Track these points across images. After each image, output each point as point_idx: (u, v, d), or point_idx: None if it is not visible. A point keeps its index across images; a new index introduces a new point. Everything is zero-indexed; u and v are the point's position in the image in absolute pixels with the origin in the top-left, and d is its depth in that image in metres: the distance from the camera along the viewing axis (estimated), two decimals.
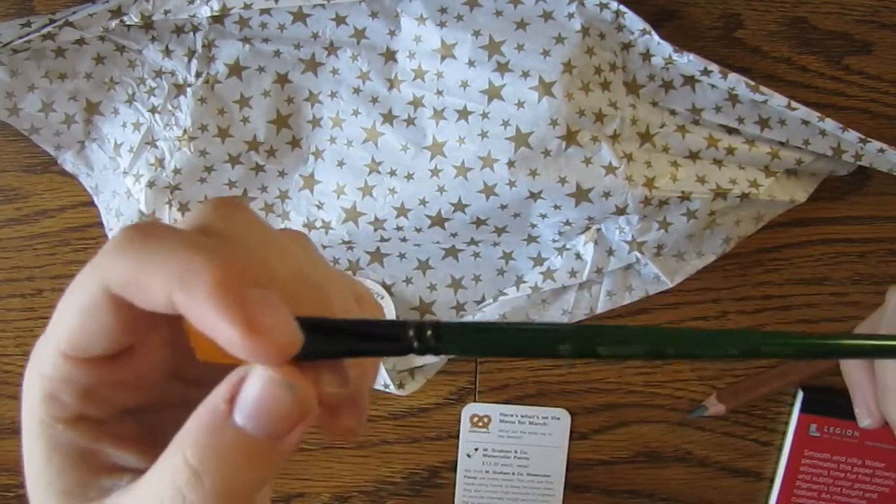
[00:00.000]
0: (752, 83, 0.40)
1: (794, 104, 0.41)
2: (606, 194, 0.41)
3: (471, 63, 0.40)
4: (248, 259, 0.18)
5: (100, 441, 0.19)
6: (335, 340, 0.18)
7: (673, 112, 0.42)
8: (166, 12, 0.40)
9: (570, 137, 0.40)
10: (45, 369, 0.18)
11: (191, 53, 0.42)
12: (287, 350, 0.16)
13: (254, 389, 0.16)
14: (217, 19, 0.41)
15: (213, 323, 0.16)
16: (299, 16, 0.41)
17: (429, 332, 0.19)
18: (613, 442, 0.51)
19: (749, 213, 0.45)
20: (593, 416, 0.51)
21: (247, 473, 0.17)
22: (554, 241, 0.44)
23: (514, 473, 0.52)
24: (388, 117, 0.42)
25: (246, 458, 0.17)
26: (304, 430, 0.17)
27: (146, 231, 0.17)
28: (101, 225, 0.46)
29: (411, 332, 0.18)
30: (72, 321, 0.18)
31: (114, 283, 0.17)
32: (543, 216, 0.42)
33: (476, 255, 0.45)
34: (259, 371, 0.16)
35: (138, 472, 0.18)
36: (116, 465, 0.19)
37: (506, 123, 0.40)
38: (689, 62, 0.40)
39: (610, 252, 0.44)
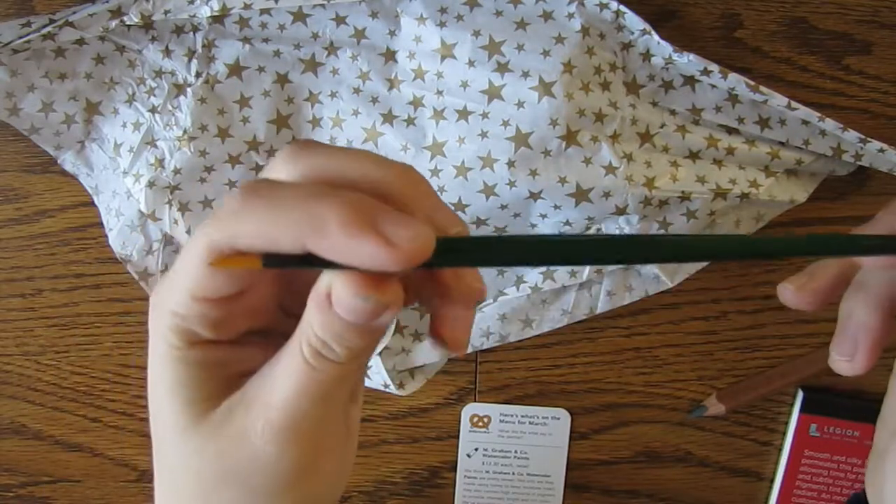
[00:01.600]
0: (752, 83, 0.40)
1: (794, 104, 0.41)
2: (606, 194, 0.41)
3: (471, 63, 0.40)
4: (348, 183, 0.21)
5: (226, 355, 0.23)
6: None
7: (673, 112, 0.43)
8: (166, 12, 0.40)
9: (570, 137, 0.40)
10: (177, 308, 0.22)
11: (191, 53, 0.42)
12: (421, 254, 0.19)
13: (339, 296, 0.20)
14: (217, 19, 0.41)
15: (355, 254, 0.19)
16: (299, 16, 0.41)
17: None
18: (613, 442, 0.51)
19: (749, 213, 0.45)
20: (593, 416, 0.51)
21: (358, 344, 0.21)
22: None
23: (514, 473, 0.52)
24: (388, 117, 0.42)
25: (356, 333, 0.21)
26: (392, 315, 0.20)
27: (259, 191, 0.20)
28: (101, 225, 0.46)
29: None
30: (199, 271, 0.21)
31: (242, 241, 0.20)
32: (543, 216, 0.42)
33: None
34: (338, 285, 0.20)
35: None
36: (242, 372, 0.23)
37: (506, 123, 0.40)
38: (689, 62, 0.40)
39: None
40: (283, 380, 0.22)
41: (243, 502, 0.24)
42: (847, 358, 0.28)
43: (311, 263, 0.20)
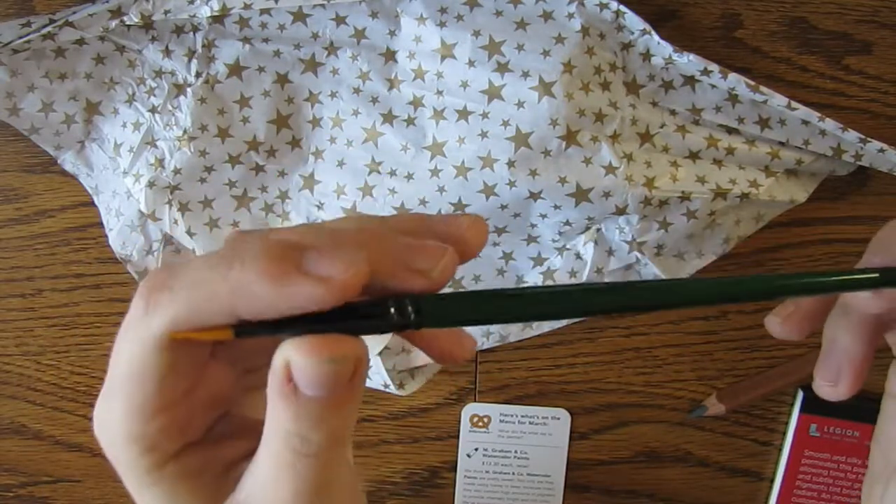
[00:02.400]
0: (752, 83, 0.40)
1: (794, 104, 0.41)
2: (606, 194, 0.41)
3: (471, 63, 0.40)
4: (269, 240, 0.19)
5: (203, 458, 0.21)
6: (324, 319, 0.19)
7: (673, 112, 0.43)
8: (166, 12, 0.40)
9: (570, 137, 0.40)
10: (134, 434, 0.20)
11: (191, 53, 0.42)
12: (356, 280, 0.18)
13: (300, 371, 0.18)
14: (217, 19, 0.41)
15: (291, 301, 0.18)
16: (299, 16, 0.41)
17: (409, 307, 0.19)
18: (613, 442, 0.51)
19: (749, 213, 0.45)
20: (593, 416, 0.51)
21: (337, 419, 0.19)
22: (554, 241, 0.44)
23: (514, 473, 0.52)
24: (388, 117, 0.42)
25: (330, 409, 0.19)
26: (364, 373, 0.19)
27: (175, 273, 0.19)
28: (101, 225, 0.46)
29: (392, 309, 0.19)
30: (147, 382, 0.19)
31: (177, 322, 0.18)
32: (543, 216, 0.42)
33: None
34: (295, 359, 0.18)
35: (248, 457, 0.21)
36: (226, 466, 0.21)
37: (506, 123, 0.40)
38: (689, 62, 0.40)
39: (610, 252, 0.44)
40: (265, 490, 0.20)
41: None
42: (831, 383, 0.27)
43: (280, 325, 0.18)
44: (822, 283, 0.24)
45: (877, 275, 0.24)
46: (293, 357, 0.18)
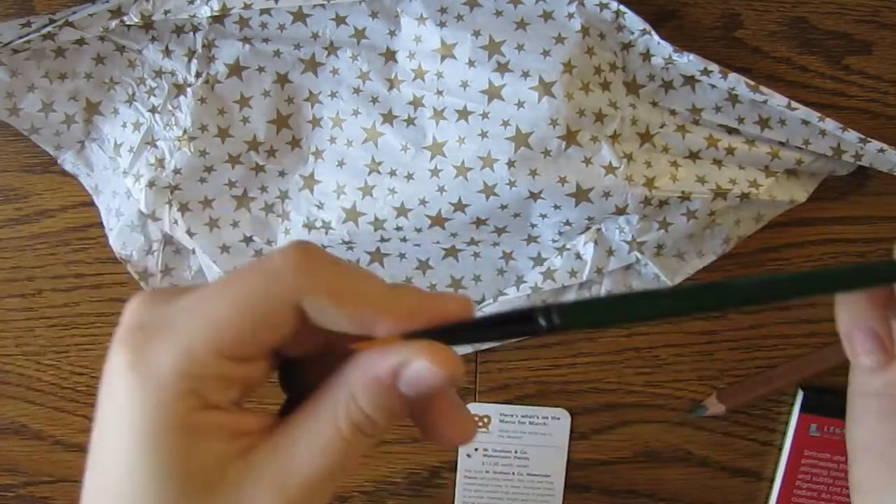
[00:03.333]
0: (752, 83, 0.40)
1: (794, 104, 0.41)
2: (606, 194, 0.41)
3: (471, 63, 0.40)
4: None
5: (229, 420, 0.21)
6: (478, 329, 0.23)
7: (673, 112, 0.43)
8: (166, 12, 0.40)
9: (570, 137, 0.40)
10: (190, 368, 0.20)
11: (191, 53, 0.42)
12: (469, 308, 0.22)
13: (414, 372, 0.21)
14: (217, 19, 0.41)
15: (430, 319, 0.21)
16: (299, 16, 0.41)
17: (553, 314, 0.22)
18: (613, 442, 0.51)
19: (749, 213, 0.45)
20: (593, 416, 0.51)
21: (401, 414, 0.22)
22: (554, 241, 0.44)
23: (514, 473, 0.52)
24: (388, 117, 0.42)
25: (402, 402, 0.21)
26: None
27: (322, 255, 0.21)
28: (101, 225, 0.46)
29: (540, 316, 0.22)
30: (244, 325, 0.20)
31: (313, 293, 0.20)
32: (543, 216, 0.42)
33: (476, 255, 0.45)
34: (418, 362, 0.20)
35: (263, 434, 0.21)
36: (240, 433, 0.21)
37: (506, 123, 0.40)
38: (689, 62, 0.40)
39: (610, 252, 0.44)
40: (312, 455, 0.21)
41: None
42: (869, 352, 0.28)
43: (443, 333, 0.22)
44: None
45: None
46: (408, 357, 0.21)
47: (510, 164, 0.40)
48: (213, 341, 0.20)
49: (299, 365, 0.24)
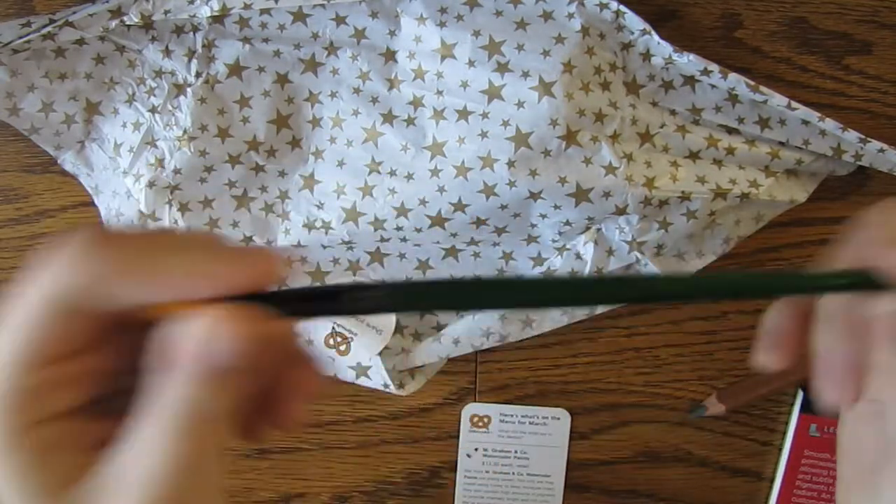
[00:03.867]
0: (752, 83, 0.40)
1: (794, 104, 0.41)
2: (606, 194, 0.41)
3: (471, 63, 0.40)
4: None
5: (75, 430, 0.21)
6: (286, 302, 0.21)
7: (673, 112, 0.43)
8: (166, 12, 0.40)
9: (570, 137, 0.40)
10: (14, 383, 0.20)
11: (191, 53, 0.42)
12: (276, 267, 0.21)
13: (223, 341, 0.19)
14: (217, 19, 0.41)
15: (225, 275, 0.20)
16: (299, 16, 0.41)
17: (358, 295, 0.21)
18: (613, 442, 0.51)
19: (749, 213, 0.45)
20: (593, 416, 0.51)
21: (231, 394, 0.20)
22: (554, 241, 0.44)
23: (514, 473, 0.52)
24: (388, 117, 0.42)
25: (230, 381, 0.20)
26: (276, 351, 0.20)
27: (99, 237, 0.20)
28: (101, 225, 0.46)
29: (345, 294, 0.21)
30: (28, 334, 0.20)
31: (75, 289, 0.19)
32: (543, 216, 0.42)
33: (476, 255, 0.45)
34: (195, 326, 0.19)
35: (115, 440, 0.20)
36: (95, 447, 0.20)
37: (506, 123, 0.40)
38: (689, 62, 0.40)
39: (610, 252, 0.44)
40: (148, 455, 0.19)
41: None
42: (838, 393, 0.26)
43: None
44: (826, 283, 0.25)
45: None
46: (217, 326, 0.19)
47: (510, 164, 0.40)
48: (13, 354, 0.20)
49: None
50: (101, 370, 0.21)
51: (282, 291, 0.22)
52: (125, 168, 0.43)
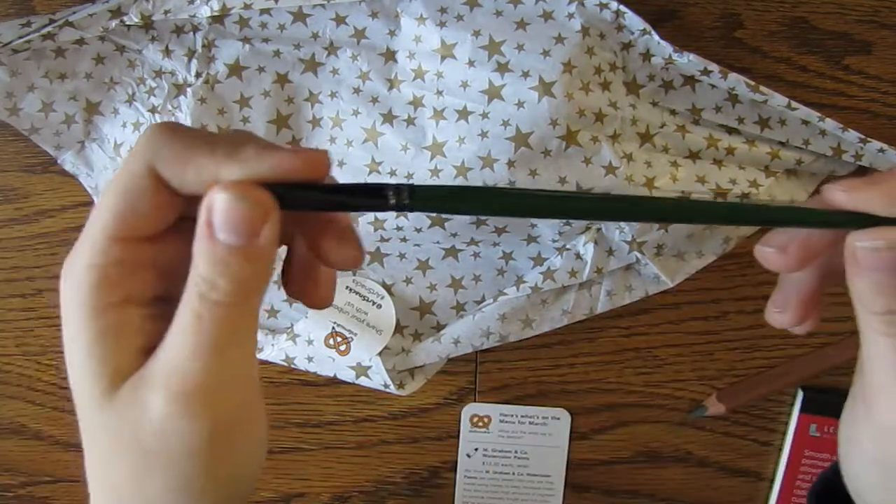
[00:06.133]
0: (752, 83, 0.40)
1: (794, 104, 0.41)
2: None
3: (471, 63, 0.40)
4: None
5: (138, 322, 0.22)
6: (327, 196, 0.22)
7: (673, 112, 0.43)
8: (166, 12, 0.40)
9: (570, 137, 0.40)
10: (94, 259, 0.22)
11: (191, 53, 0.42)
12: (324, 161, 0.22)
13: (218, 209, 0.21)
14: (217, 19, 0.41)
15: (273, 165, 0.21)
16: (299, 16, 0.41)
17: (405, 193, 0.22)
18: (613, 442, 0.51)
19: None
20: (593, 416, 0.51)
21: (244, 271, 0.21)
22: (554, 241, 0.44)
23: (514, 473, 0.52)
24: (388, 117, 0.42)
25: (239, 257, 0.21)
26: (274, 230, 0.21)
27: (177, 127, 0.22)
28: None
29: (391, 192, 0.22)
30: (120, 205, 0.22)
31: (160, 161, 0.21)
32: None
33: (476, 255, 0.45)
34: (217, 196, 0.21)
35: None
36: (151, 345, 0.22)
37: (506, 123, 0.40)
38: (689, 62, 0.40)
39: (610, 252, 0.44)
40: (174, 341, 0.21)
41: (166, 487, 0.22)
42: (779, 310, 0.29)
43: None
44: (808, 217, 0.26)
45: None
46: (212, 197, 0.21)
47: (510, 164, 0.40)
48: (103, 229, 0.22)
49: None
50: (167, 264, 0.23)
51: (329, 185, 0.23)
52: None
